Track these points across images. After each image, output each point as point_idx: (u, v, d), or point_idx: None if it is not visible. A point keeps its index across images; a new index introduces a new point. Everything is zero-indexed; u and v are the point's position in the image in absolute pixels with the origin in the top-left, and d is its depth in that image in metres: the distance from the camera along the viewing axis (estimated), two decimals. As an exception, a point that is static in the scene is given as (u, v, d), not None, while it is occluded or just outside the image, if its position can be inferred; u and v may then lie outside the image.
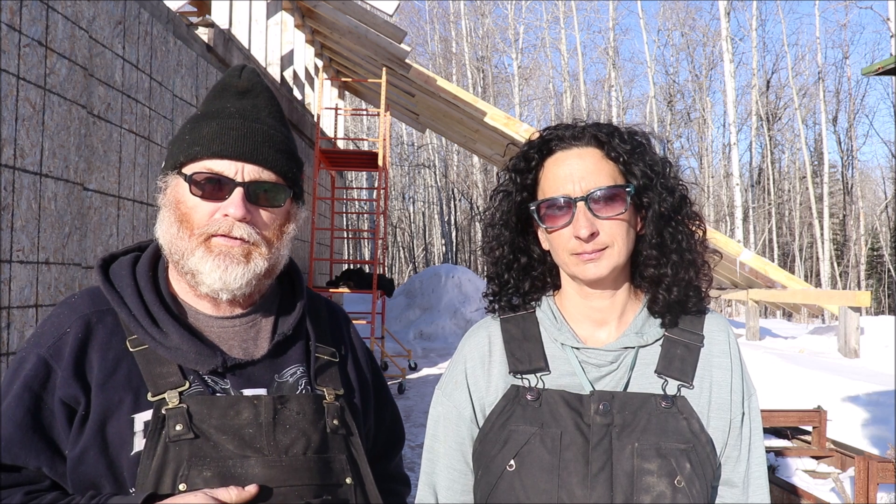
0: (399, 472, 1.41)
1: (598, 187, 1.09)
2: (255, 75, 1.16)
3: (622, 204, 1.09)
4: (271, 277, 1.15)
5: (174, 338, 1.06)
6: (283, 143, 1.12)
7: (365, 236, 26.49)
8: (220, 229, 1.06)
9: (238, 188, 1.06)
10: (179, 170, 1.09)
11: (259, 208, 1.09)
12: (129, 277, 1.10)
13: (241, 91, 1.14)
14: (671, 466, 1.05)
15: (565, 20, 31.84)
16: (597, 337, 1.16)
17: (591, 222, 1.08)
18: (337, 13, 9.54)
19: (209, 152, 1.07)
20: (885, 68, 6.97)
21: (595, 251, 1.08)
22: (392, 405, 1.39)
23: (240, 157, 1.07)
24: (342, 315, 1.31)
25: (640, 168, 1.11)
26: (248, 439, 1.03)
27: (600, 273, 1.09)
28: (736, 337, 1.20)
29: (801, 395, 6.54)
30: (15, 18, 3.15)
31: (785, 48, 31.93)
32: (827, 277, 26.66)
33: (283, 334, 1.14)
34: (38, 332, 1.08)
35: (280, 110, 1.18)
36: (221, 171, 1.06)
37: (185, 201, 1.08)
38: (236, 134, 1.08)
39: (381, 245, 11.44)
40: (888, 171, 33.75)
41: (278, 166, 1.10)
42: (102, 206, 4.01)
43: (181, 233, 1.07)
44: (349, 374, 1.23)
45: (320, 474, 1.06)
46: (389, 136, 11.38)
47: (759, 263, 12.52)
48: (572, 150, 1.13)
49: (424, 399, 8.36)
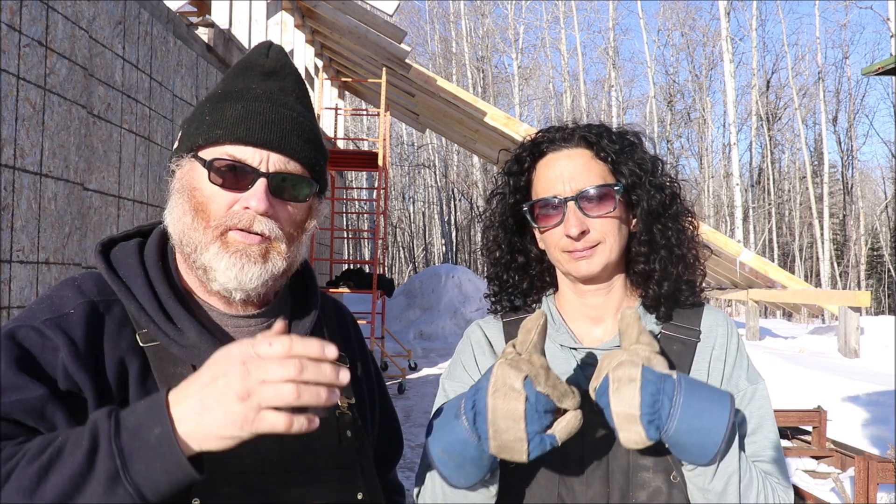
0: (395, 482, 1.37)
1: (587, 187, 1.12)
2: (282, 55, 1.05)
3: (611, 202, 1.12)
4: (287, 276, 1.06)
5: (191, 335, 0.96)
6: (311, 133, 1.03)
7: (365, 236, 26.50)
8: (240, 223, 0.96)
9: (262, 179, 0.96)
10: (196, 153, 0.99)
11: (282, 202, 0.99)
12: (138, 266, 1.00)
13: (267, 71, 1.03)
14: (667, 462, 1.06)
15: (565, 20, 31.87)
16: (593, 335, 1.18)
17: (581, 221, 1.11)
18: (337, 13, 9.54)
19: (233, 137, 0.97)
20: (885, 68, 6.97)
21: (586, 248, 1.11)
22: (392, 413, 1.34)
23: (266, 145, 0.97)
24: (350, 318, 1.26)
25: (628, 167, 1.14)
26: (264, 452, 0.95)
27: (592, 270, 1.12)
28: (736, 331, 1.20)
29: (801, 395, 6.55)
30: (15, 18, 3.15)
31: (785, 48, 31.94)
32: (827, 277, 26.66)
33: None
34: (32, 311, 0.93)
35: (308, 95, 1.08)
36: (244, 159, 0.97)
37: (201, 189, 0.98)
38: (263, 119, 0.98)
39: (381, 245, 11.44)
40: (888, 171, 33.78)
41: (306, 157, 1.01)
42: (102, 206, 4.01)
43: (196, 223, 0.97)
44: (360, 382, 1.17)
45: (335, 490, 1.01)
46: (389, 136, 11.38)
47: (759, 263, 12.53)
48: (562, 151, 1.16)
49: (424, 399, 8.36)
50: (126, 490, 0.75)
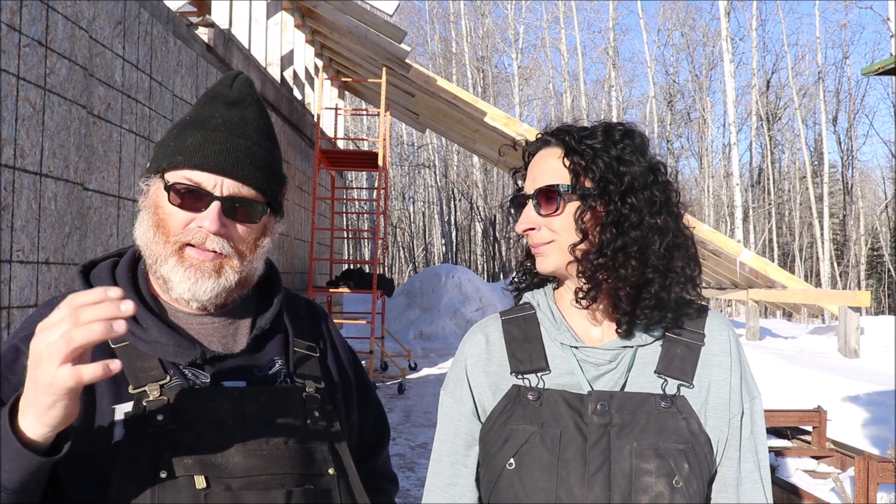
0: (386, 470, 1.42)
1: (542, 185, 1.13)
2: (246, 86, 1.16)
3: (555, 202, 1.12)
4: (245, 288, 1.16)
5: (153, 332, 1.07)
6: (265, 160, 1.13)
7: (365, 236, 26.50)
8: (194, 239, 1.07)
9: (215, 202, 1.07)
10: (162, 175, 1.11)
11: (235, 222, 1.10)
12: (109, 279, 1.12)
13: (230, 101, 1.14)
14: (669, 467, 1.05)
15: (565, 20, 31.86)
16: (593, 334, 1.17)
17: (528, 219, 1.14)
18: (337, 13, 9.54)
19: (191, 163, 1.08)
20: (885, 68, 6.97)
21: (538, 245, 1.14)
22: (376, 401, 1.40)
23: (220, 171, 1.08)
24: (321, 313, 1.34)
25: (597, 169, 1.09)
26: (229, 430, 1.04)
27: (545, 267, 1.15)
28: (738, 337, 1.19)
29: (801, 395, 6.55)
30: (15, 18, 3.15)
31: (785, 48, 31.95)
32: (827, 277, 26.66)
33: (262, 328, 1.16)
34: (17, 330, 1.08)
35: (269, 124, 1.19)
36: (200, 183, 1.08)
37: (163, 207, 1.09)
38: (219, 148, 1.09)
39: (381, 245, 11.44)
40: (888, 171, 33.76)
41: (258, 183, 1.11)
42: (102, 206, 4.01)
43: (157, 237, 1.09)
44: (329, 369, 1.24)
45: (302, 463, 1.07)
46: (389, 136, 11.38)
47: (759, 263, 12.53)
48: (542, 150, 1.18)
49: (424, 399, 8.36)
50: None
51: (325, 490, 1.09)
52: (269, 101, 8.08)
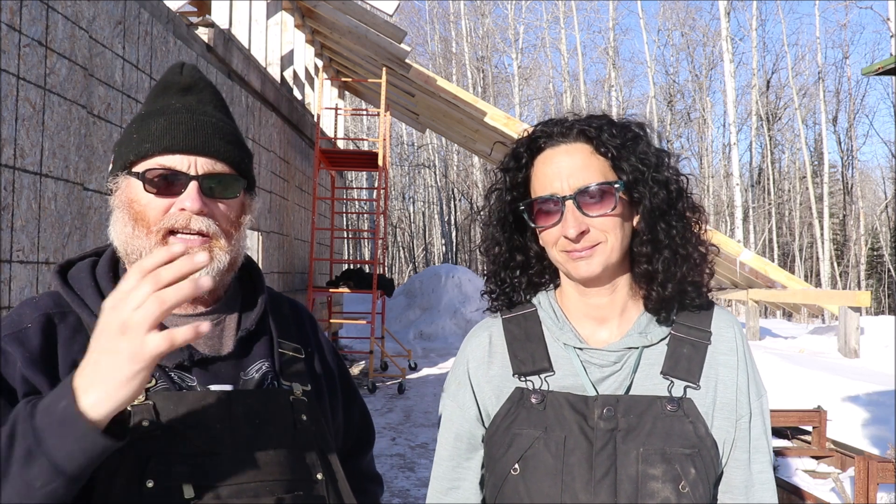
0: (371, 471, 1.40)
1: (586, 185, 1.07)
2: (196, 71, 1.15)
3: (611, 200, 1.07)
4: (233, 271, 1.14)
5: None
6: (231, 134, 1.12)
7: (365, 236, 26.49)
8: (177, 224, 1.04)
9: (193, 182, 1.05)
10: (130, 169, 1.08)
11: (215, 201, 1.08)
12: (90, 279, 1.09)
13: (183, 87, 1.12)
14: (676, 472, 1.03)
15: (565, 20, 31.85)
16: (598, 336, 1.14)
17: (580, 221, 1.06)
18: (337, 13, 9.54)
19: (160, 148, 1.05)
20: (885, 68, 6.97)
21: (585, 248, 1.07)
22: (360, 403, 1.39)
23: (191, 150, 1.06)
24: (305, 313, 1.31)
25: (630, 162, 1.08)
26: (217, 435, 1.01)
27: (592, 271, 1.07)
28: (745, 334, 1.16)
29: (801, 395, 6.54)
30: (15, 18, 3.15)
31: (785, 48, 31.93)
32: (827, 277, 26.65)
33: (247, 329, 1.13)
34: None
35: (224, 104, 1.17)
36: (174, 166, 1.05)
37: (138, 199, 1.06)
38: (185, 128, 1.07)
39: (381, 245, 11.44)
40: (888, 171, 33.76)
41: (230, 157, 1.10)
42: (102, 206, 4.01)
43: (137, 231, 1.05)
44: (315, 371, 1.22)
45: (291, 470, 1.05)
46: (389, 136, 11.38)
47: (759, 263, 12.53)
48: (560, 146, 1.11)
49: (424, 399, 8.36)
50: (42, 466, 0.80)
51: (315, 496, 1.07)
52: (269, 100, 8.08)
